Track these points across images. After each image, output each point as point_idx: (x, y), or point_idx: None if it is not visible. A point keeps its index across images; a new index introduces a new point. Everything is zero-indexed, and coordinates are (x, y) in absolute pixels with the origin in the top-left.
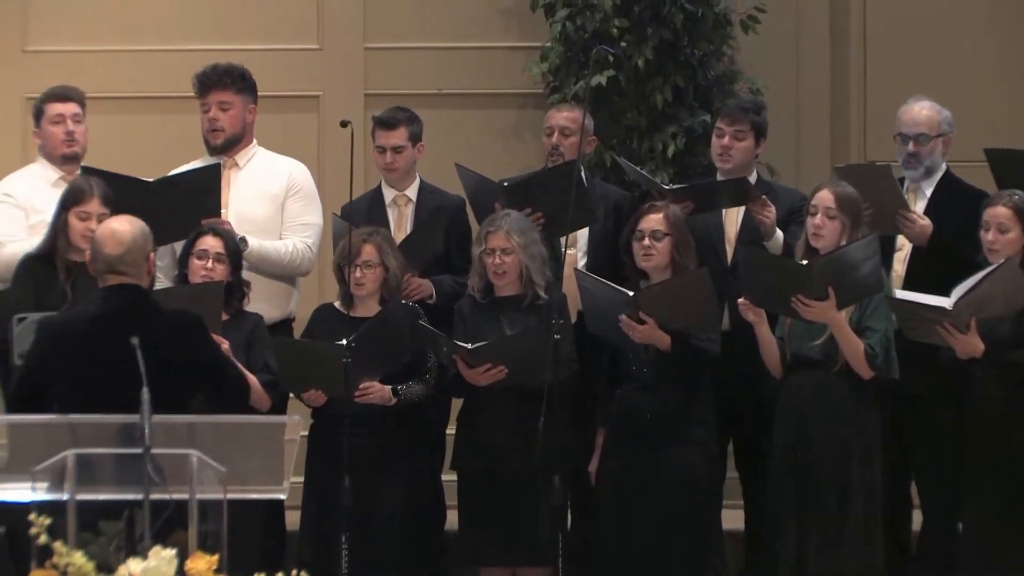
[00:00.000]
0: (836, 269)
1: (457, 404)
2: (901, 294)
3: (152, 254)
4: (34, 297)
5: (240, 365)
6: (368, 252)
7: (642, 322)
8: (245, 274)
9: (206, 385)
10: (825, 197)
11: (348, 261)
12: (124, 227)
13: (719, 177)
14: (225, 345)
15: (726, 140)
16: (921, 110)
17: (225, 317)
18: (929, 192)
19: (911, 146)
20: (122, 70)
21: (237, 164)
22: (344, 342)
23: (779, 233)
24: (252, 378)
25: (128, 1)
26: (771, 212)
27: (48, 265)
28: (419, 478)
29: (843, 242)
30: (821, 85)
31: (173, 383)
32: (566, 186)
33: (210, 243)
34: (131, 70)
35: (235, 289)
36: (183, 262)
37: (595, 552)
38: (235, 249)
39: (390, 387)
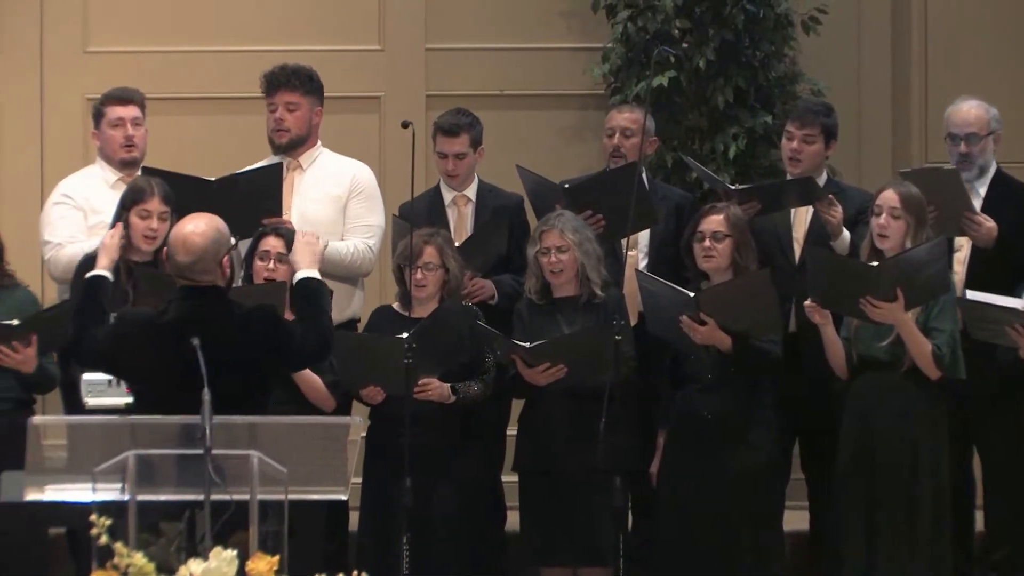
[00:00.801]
0: (905, 271)
1: (517, 405)
2: (972, 295)
3: (227, 256)
4: None
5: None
6: (429, 254)
7: (703, 323)
8: None
9: (288, 366)
10: (890, 197)
11: (409, 262)
12: (198, 232)
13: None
14: None
15: (795, 144)
16: (970, 110)
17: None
18: (983, 191)
19: (962, 147)
20: (184, 71)
21: (301, 166)
22: (403, 336)
23: (846, 233)
24: (316, 379)
25: (189, 2)
26: (838, 212)
27: None
28: (478, 478)
29: (908, 242)
30: (882, 86)
31: (252, 380)
32: (627, 188)
33: (272, 243)
34: (193, 71)
35: None
36: (248, 263)
37: (656, 553)
38: None
39: (449, 384)
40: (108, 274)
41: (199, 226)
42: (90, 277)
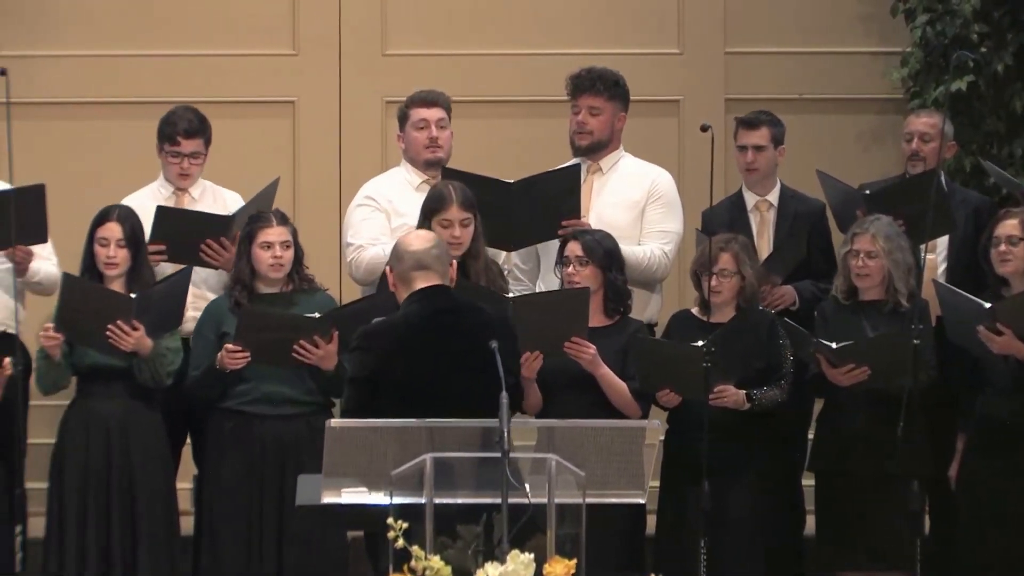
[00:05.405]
0: None
1: (816, 409)
2: None
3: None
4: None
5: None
6: (725, 260)
7: (1000, 333)
8: None
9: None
10: None
11: (706, 269)
12: (424, 231)
13: None
14: (592, 351)
15: None
16: None
17: (609, 322)
18: None
19: None
20: (482, 73)
21: (601, 169)
22: (700, 344)
23: None
24: (622, 384)
25: (489, 5)
26: None
27: None
28: (776, 482)
29: None
30: None
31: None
32: (926, 193)
33: (570, 248)
34: (491, 74)
35: (613, 293)
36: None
37: (954, 558)
38: (605, 252)
39: (744, 392)
40: None
41: (420, 232)
42: None
